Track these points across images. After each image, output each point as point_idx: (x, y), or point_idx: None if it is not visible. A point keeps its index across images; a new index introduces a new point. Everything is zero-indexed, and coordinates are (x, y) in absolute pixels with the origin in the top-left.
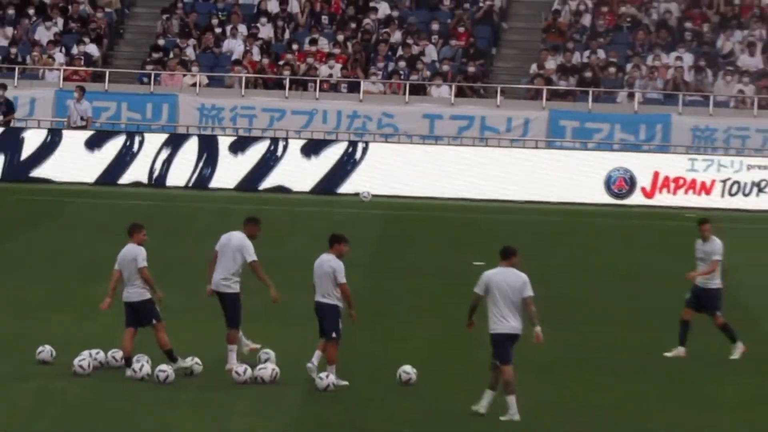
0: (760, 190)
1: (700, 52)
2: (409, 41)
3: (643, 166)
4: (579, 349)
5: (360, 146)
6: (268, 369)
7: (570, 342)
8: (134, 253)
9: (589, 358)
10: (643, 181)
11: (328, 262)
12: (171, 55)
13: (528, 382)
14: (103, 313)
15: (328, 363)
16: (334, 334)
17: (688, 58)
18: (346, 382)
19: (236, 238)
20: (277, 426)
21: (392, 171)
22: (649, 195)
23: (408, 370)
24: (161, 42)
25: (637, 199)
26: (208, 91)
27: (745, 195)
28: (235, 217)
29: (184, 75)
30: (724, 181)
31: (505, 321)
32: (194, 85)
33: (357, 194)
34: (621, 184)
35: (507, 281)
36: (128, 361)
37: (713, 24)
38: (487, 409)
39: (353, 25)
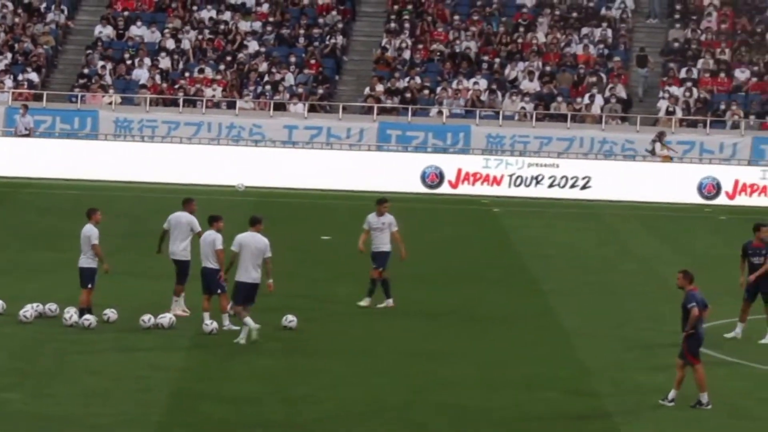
0: (537, 183)
1: (492, 78)
2: (273, 70)
3: (449, 164)
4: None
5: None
6: (167, 318)
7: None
8: (89, 232)
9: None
10: (450, 175)
11: (210, 235)
12: (93, 81)
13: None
14: (44, 276)
15: (221, 311)
16: (219, 291)
17: (483, 83)
18: (237, 327)
19: (185, 216)
20: (172, 358)
21: (261, 168)
22: (454, 186)
23: (290, 318)
24: (86, 71)
25: (444, 189)
26: (122, 108)
27: (526, 186)
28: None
29: (103, 96)
30: (510, 176)
31: (249, 272)
32: (110, 103)
33: (234, 186)
34: (433, 177)
35: (255, 243)
36: (82, 312)
37: (502, 57)
38: (247, 341)
39: (230, 58)
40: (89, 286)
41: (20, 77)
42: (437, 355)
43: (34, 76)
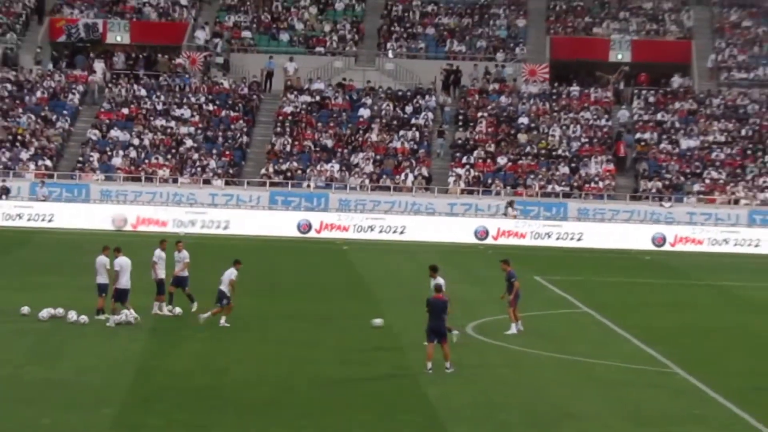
0: (371, 230)
1: (343, 163)
2: (202, 158)
3: (315, 218)
4: None
5: None
6: (124, 315)
7: None
8: (102, 260)
9: None
10: (315, 225)
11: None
12: (86, 165)
13: None
14: (52, 290)
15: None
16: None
17: (336, 166)
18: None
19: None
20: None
21: (194, 221)
22: (318, 232)
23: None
24: (81, 159)
25: (312, 234)
26: (105, 183)
27: (365, 232)
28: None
29: (93, 175)
30: (354, 225)
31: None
32: (97, 180)
33: None
34: (305, 227)
35: (126, 264)
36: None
37: (349, 149)
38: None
39: (174, 151)
40: (103, 295)
41: (39, 163)
42: (301, 342)
43: (48, 162)
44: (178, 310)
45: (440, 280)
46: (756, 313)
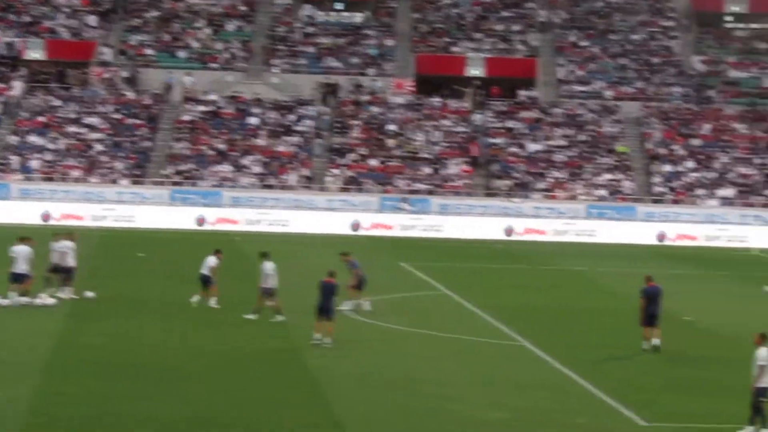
0: (259, 223)
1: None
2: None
3: (211, 213)
4: None
5: None
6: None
7: None
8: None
9: None
10: (210, 219)
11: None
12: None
13: None
14: None
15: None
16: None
17: (228, 167)
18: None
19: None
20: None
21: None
22: (212, 225)
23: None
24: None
25: (207, 227)
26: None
27: (253, 225)
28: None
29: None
30: (246, 219)
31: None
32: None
33: None
34: (201, 221)
35: (25, 252)
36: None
37: (240, 153)
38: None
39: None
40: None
41: None
42: (203, 321)
43: None
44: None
45: (268, 265)
46: (593, 293)
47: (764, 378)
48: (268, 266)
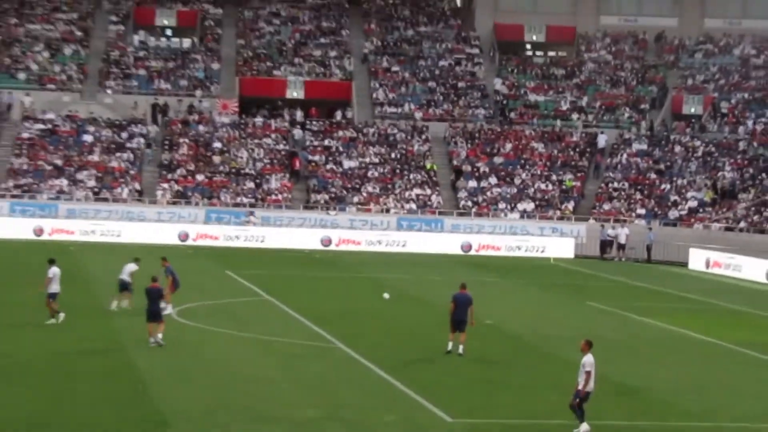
0: (92, 234)
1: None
2: None
3: (48, 224)
4: None
5: None
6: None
7: None
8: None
9: None
10: (48, 230)
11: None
12: None
13: None
14: None
15: None
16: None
17: (66, 183)
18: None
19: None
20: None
21: None
22: (50, 235)
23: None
24: None
25: (45, 237)
26: None
27: (90, 235)
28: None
29: None
30: (80, 230)
31: None
32: None
33: None
34: (39, 231)
35: None
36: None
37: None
38: None
39: None
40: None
41: None
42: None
43: None
44: None
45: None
46: (403, 299)
47: (590, 383)
48: (54, 271)
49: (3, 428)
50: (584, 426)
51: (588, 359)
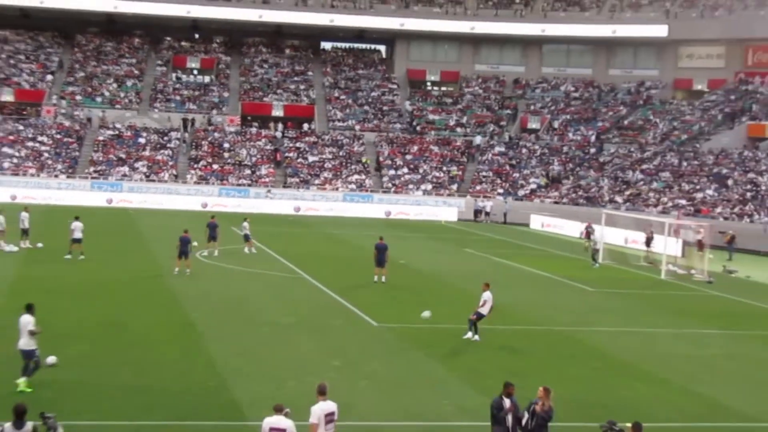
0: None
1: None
2: None
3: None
4: None
5: None
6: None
7: None
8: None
9: None
10: None
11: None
12: None
13: None
14: None
15: None
16: None
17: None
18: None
19: None
20: None
21: None
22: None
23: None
24: None
25: None
26: None
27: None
28: None
29: None
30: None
31: None
32: None
33: None
34: None
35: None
36: None
37: None
38: None
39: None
40: None
41: None
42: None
43: None
44: None
45: (77, 224)
46: (346, 246)
47: (485, 309)
48: (77, 225)
49: (83, 324)
50: (470, 334)
51: (487, 294)
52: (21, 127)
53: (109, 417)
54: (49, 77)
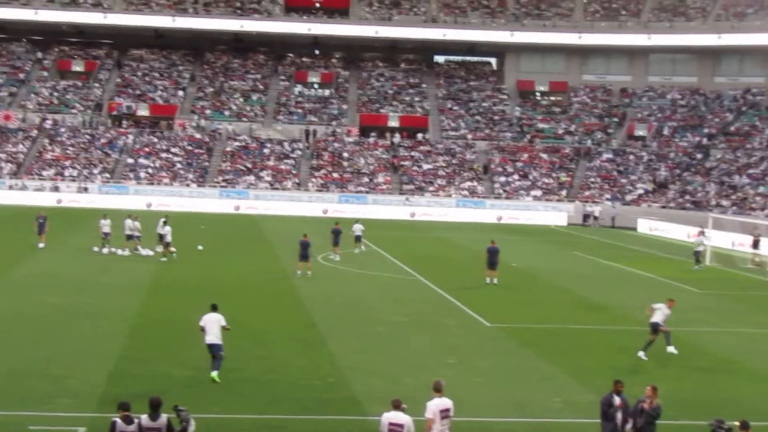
0: None
1: None
2: None
3: None
4: None
5: None
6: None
7: None
8: None
9: None
10: None
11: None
12: None
13: None
14: None
15: None
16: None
17: None
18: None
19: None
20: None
21: None
22: None
23: None
24: None
25: None
26: None
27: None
28: None
29: None
30: None
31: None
32: None
33: None
34: None
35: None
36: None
37: None
38: None
39: None
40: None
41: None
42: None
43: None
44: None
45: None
46: (458, 249)
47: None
48: (166, 228)
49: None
50: (670, 348)
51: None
52: (155, 140)
53: (238, 410)
54: (181, 93)
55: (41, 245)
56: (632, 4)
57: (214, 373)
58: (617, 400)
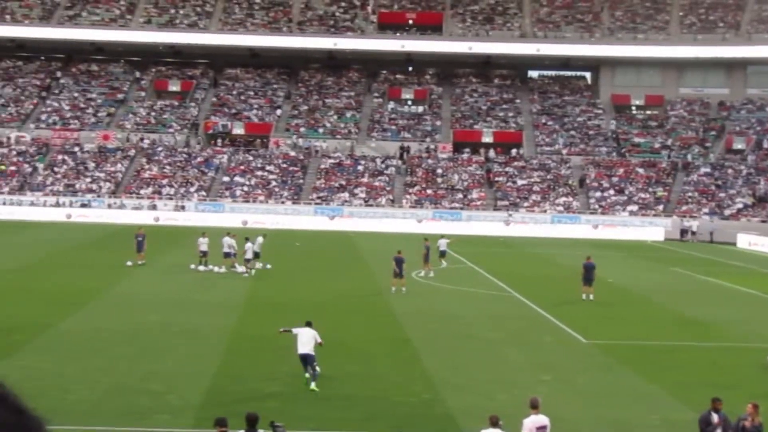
0: None
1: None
2: None
3: None
4: None
5: None
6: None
7: None
8: None
9: None
10: None
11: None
12: None
13: None
14: None
15: None
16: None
17: None
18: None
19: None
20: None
21: None
22: None
23: None
24: None
25: None
26: None
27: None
28: None
29: None
30: None
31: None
32: None
33: None
34: None
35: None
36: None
37: None
38: None
39: None
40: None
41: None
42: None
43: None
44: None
45: (228, 240)
46: (553, 265)
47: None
48: (229, 241)
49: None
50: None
51: None
52: (251, 158)
53: (334, 426)
54: (276, 111)
55: (140, 263)
56: (730, 16)
57: (313, 384)
58: (715, 418)
